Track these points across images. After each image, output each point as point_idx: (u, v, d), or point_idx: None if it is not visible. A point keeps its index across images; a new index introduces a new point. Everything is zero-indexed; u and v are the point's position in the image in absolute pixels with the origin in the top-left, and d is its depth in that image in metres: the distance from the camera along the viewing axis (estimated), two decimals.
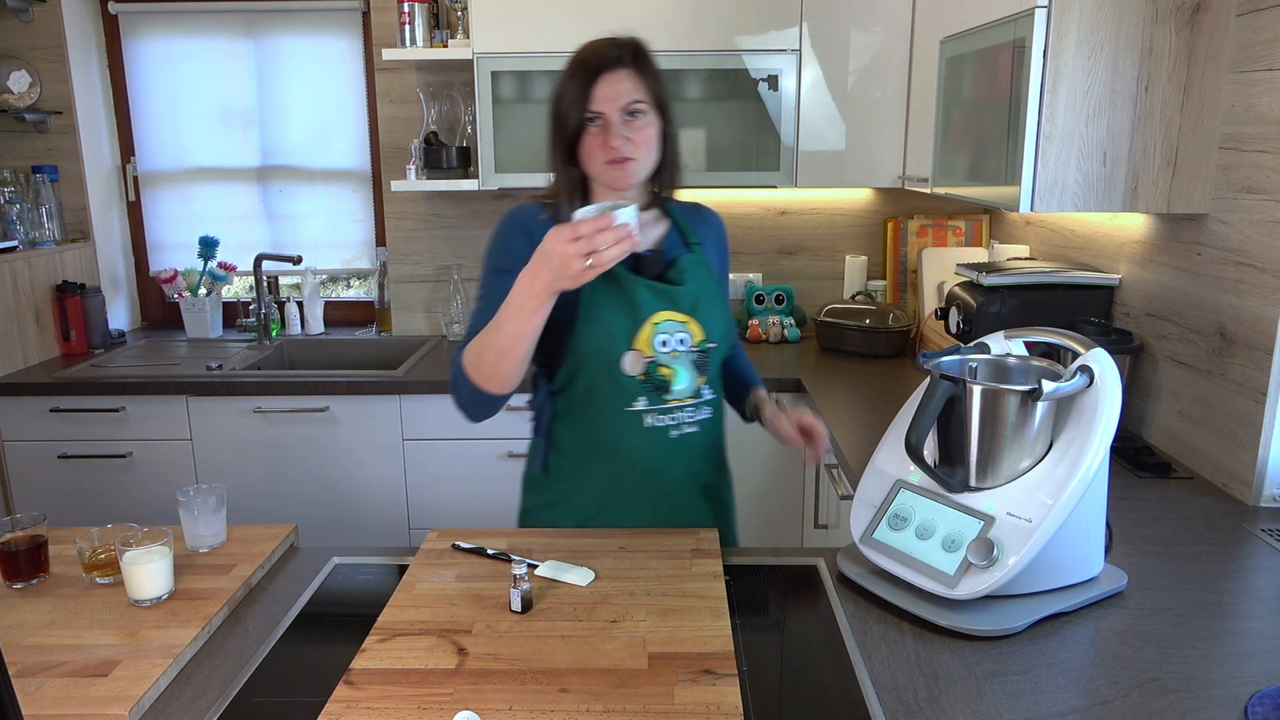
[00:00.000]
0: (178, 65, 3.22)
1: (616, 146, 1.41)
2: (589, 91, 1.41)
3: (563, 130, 1.44)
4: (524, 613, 1.23)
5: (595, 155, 1.43)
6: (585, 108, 1.41)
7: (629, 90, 1.42)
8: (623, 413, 1.48)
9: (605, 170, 1.44)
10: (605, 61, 1.42)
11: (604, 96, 1.41)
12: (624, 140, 1.41)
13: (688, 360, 1.49)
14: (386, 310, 3.25)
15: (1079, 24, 1.71)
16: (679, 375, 1.49)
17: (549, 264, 1.22)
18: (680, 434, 1.51)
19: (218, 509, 1.45)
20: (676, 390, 1.49)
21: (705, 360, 1.51)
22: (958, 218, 3.05)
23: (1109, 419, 1.20)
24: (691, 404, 1.51)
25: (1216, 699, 1.06)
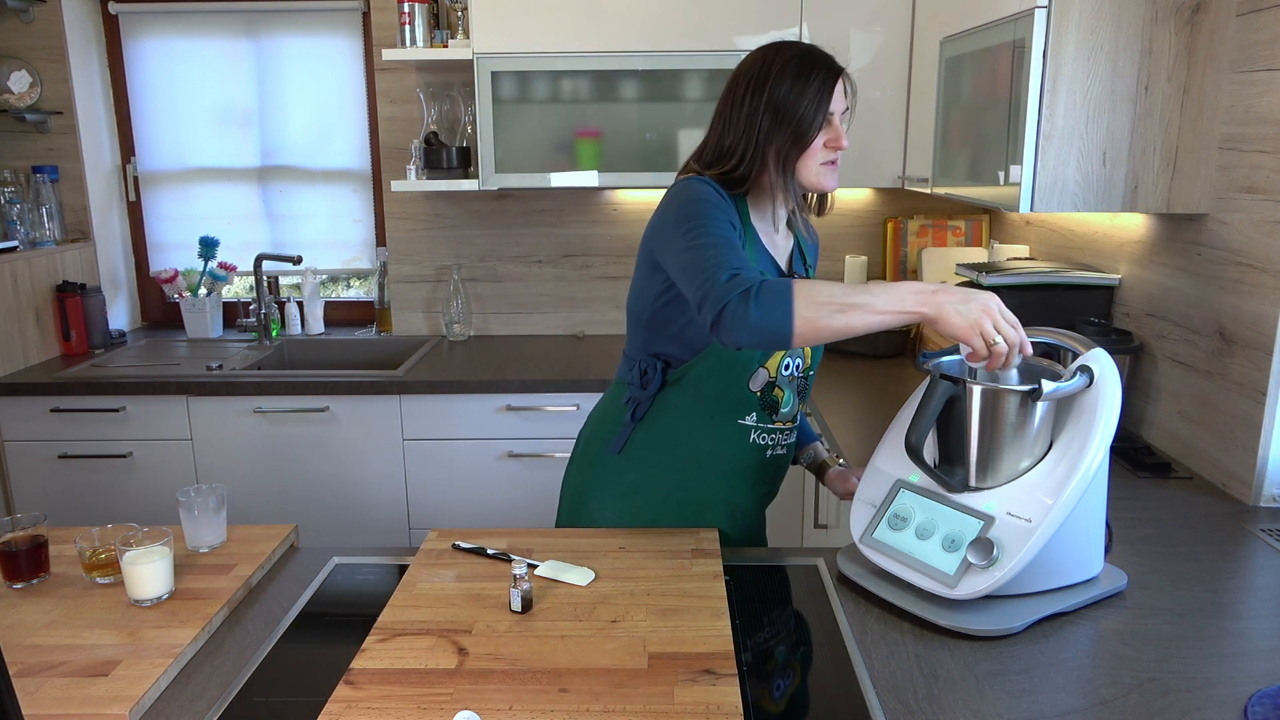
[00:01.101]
0: (178, 65, 3.22)
1: (844, 146, 1.42)
2: (830, 88, 1.40)
3: (803, 124, 1.39)
4: (524, 613, 1.23)
5: (815, 157, 1.42)
6: (824, 106, 1.40)
7: (847, 94, 1.44)
8: (734, 424, 1.50)
9: (820, 173, 1.43)
10: (834, 63, 1.43)
11: (840, 94, 1.42)
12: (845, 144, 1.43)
13: (795, 385, 1.53)
14: (386, 310, 3.25)
15: (1079, 24, 1.71)
16: (787, 398, 1.52)
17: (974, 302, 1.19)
18: (774, 454, 1.55)
19: (218, 509, 1.45)
20: (783, 412, 1.52)
21: (806, 386, 1.55)
22: (958, 218, 3.05)
23: (1109, 419, 1.20)
24: (790, 427, 1.55)
25: (1216, 699, 1.06)
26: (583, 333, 3.27)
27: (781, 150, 1.41)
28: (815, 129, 1.40)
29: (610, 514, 1.56)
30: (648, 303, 1.48)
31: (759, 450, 1.53)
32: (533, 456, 2.69)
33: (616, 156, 2.77)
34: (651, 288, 1.47)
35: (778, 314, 1.20)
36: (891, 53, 2.72)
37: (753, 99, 1.42)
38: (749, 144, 1.42)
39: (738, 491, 1.55)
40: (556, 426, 2.67)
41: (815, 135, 1.41)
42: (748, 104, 1.42)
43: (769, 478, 1.58)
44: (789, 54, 1.42)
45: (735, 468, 1.53)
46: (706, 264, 1.27)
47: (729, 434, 1.50)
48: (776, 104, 1.40)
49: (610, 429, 1.57)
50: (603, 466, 1.57)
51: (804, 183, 1.45)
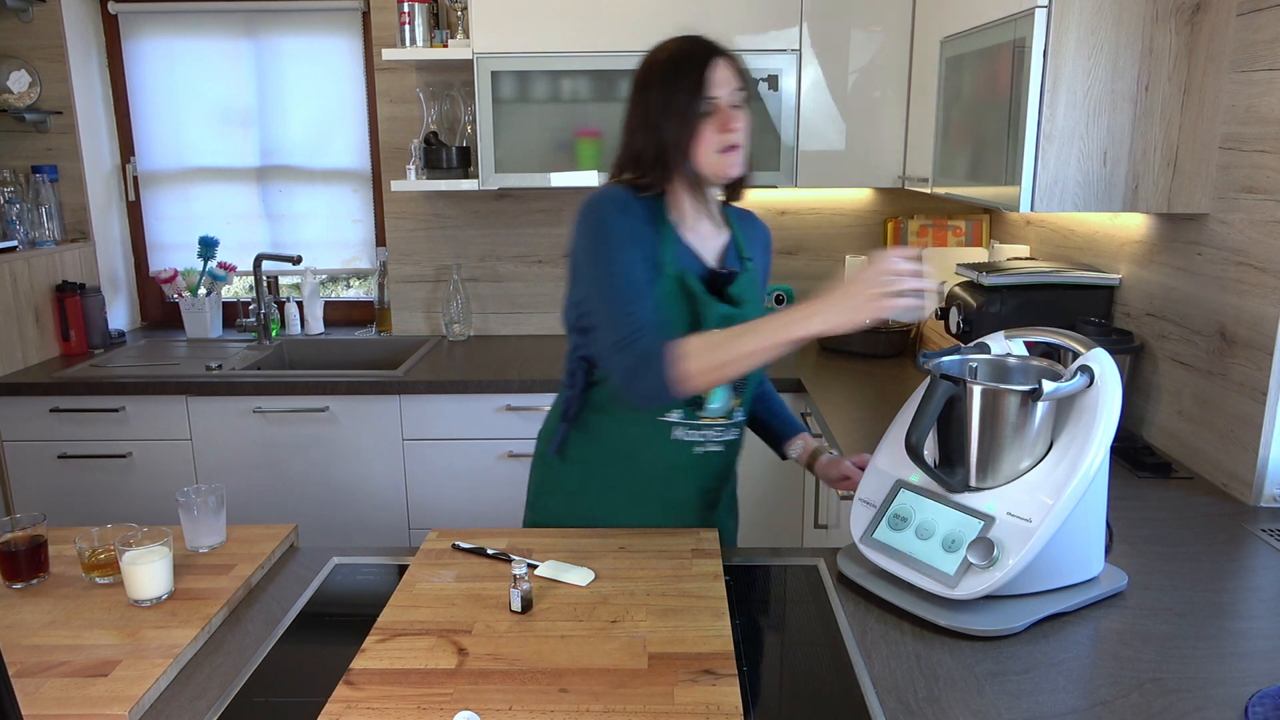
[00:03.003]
0: (178, 65, 3.22)
1: (736, 129, 1.40)
2: (706, 76, 1.39)
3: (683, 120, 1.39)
4: (524, 613, 1.23)
5: (708, 144, 1.40)
6: (702, 93, 1.39)
7: (733, 77, 1.42)
8: (655, 421, 1.49)
9: (716, 160, 1.41)
10: (710, 50, 1.41)
11: (718, 80, 1.40)
12: (738, 127, 1.40)
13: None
14: (386, 310, 3.25)
15: (1079, 24, 1.71)
16: (716, 394, 1.49)
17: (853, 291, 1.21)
18: (704, 451, 1.53)
19: (218, 509, 1.45)
20: (711, 409, 1.50)
21: (744, 383, 1.51)
22: (958, 218, 3.05)
23: (1109, 419, 1.20)
24: (722, 424, 1.52)
25: (1216, 699, 1.06)
26: None
27: (672, 144, 1.41)
28: (694, 116, 1.39)
29: (556, 512, 1.60)
30: (570, 308, 1.51)
31: (684, 447, 1.51)
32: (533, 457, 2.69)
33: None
34: (573, 295, 1.49)
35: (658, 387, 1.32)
36: (891, 53, 2.72)
37: (640, 98, 1.44)
38: (646, 144, 1.43)
39: (671, 489, 1.54)
40: None
41: (697, 123, 1.39)
42: (637, 104, 1.44)
43: (704, 475, 1.56)
44: (667, 48, 1.44)
45: (662, 465, 1.52)
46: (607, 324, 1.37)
47: (651, 431, 1.50)
48: (659, 99, 1.41)
49: (552, 429, 1.61)
50: (548, 465, 1.62)
51: (704, 173, 1.44)
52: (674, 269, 1.43)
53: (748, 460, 2.65)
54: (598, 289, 1.40)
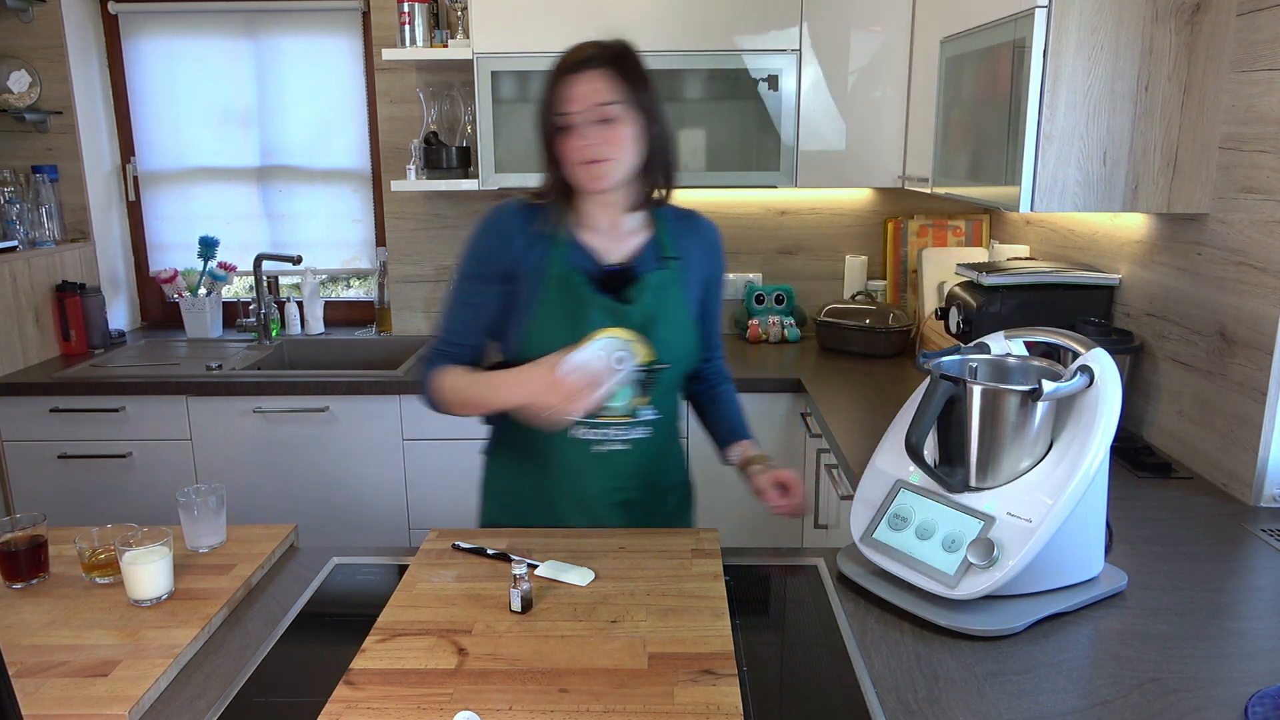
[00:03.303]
0: (178, 65, 3.22)
1: (581, 148, 1.40)
2: (558, 92, 1.40)
3: (542, 136, 1.44)
4: (524, 613, 1.23)
5: (569, 157, 1.43)
6: (555, 109, 1.41)
7: (599, 91, 1.40)
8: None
9: (580, 172, 1.43)
10: (578, 63, 1.41)
11: (573, 97, 1.40)
12: (594, 142, 1.40)
13: (630, 379, 1.47)
14: (386, 310, 3.25)
15: (1079, 24, 1.71)
16: (617, 393, 1.48)
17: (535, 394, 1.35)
18: (606, 450, 1.52)
19: (218, 509, 1.45)
20: (611, 407, 1.49)
21: (651, 380, 1.50)
22: (958, 218, 3.05)
23: (1109, 419, 1.20)
24: (624, 422, 1.51)
25: (1216, 699, 1.06)
26: None
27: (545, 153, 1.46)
28: (550, 129, 1.42)
29: (493, 510, 1.65)
30: None
31: (582, 445, 1.51)
32: None
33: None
34: None
35: (438, 405, 1.54)
36: (891, 53, 2.72)
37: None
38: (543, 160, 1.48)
39: (577, 488, 1.54)
40: None
41: (553, 139, 1.43)
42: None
43: (610, 474, 1.54)
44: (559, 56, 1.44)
45: (565, 464, 1.53)
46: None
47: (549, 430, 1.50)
48: (537, 111, 1.45)
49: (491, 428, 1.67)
50: (485, 466, 1.67)
51: (575, 184, 1.46)
52: (560, 270, 1.46)
53: None
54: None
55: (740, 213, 3.18)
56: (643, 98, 1.43)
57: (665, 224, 1.55)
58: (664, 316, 1.49)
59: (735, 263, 3.22)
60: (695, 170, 2.80)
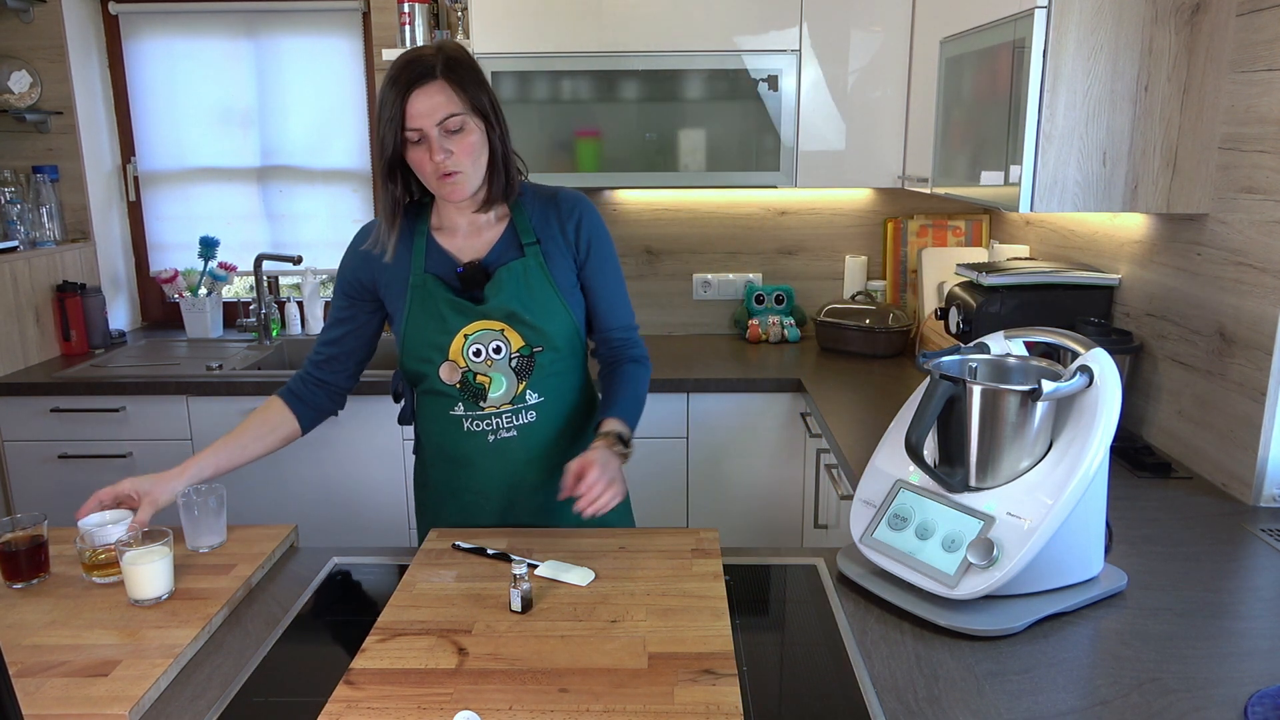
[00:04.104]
0: (178, 65, 3.22)
1: (440, 162, 1.41)
2: (404, 109, 1.39)
3: (382, 150, 1.43)
4: (524, 613, 1.23)
5: (423, 169, 1.44)
6: (403, 125, 1.40)
7: (443, 104, 1.40)
8: (447, 415, 1.56)
9: (436, 185, 1.45)
10: (415, 77, 1.39)
11: (419, 113, 1.39)
12: (446, 154, 1.41)
13: (506, 367, 1.51)
14: None
15: (1079, 24, 1.71)
16: (496, 382, 1.52)
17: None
18: (498, 438, 1.55)
19: (218, 509, 1.46)
20: (493, 397, 1.53)
21: (529, 365, 1.52)
22: (958, 218, 3.05)
23: (1109, 419, 1.20)
24: (509, 409, 1.54)
25: (1216, 699, 1.06)
26: None
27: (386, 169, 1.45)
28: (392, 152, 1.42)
29: (419, 503, 1.70)
30: None
31: (478, 437, 1.55)
32: None
33: (616, 156, 2.77)
34: None
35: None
36: (891, 53, 2.72)
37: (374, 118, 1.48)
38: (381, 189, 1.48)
39: (480, 479, 1.58)
40: None
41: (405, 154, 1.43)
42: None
43: (508, 462, 1.56)
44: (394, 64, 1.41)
45: (466, 456, 1.57)
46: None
47: (445, 426, 1.57)
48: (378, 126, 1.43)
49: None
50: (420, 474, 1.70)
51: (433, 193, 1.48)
52: (418, 277, 1.51)
53: (748, 460, 2.67)
54: None
55: (740, 213, 3.18)
56: (481, 103, 1.44)
57: (522, 210, 1.56)
58: (530, 303, 1.50)
59: (735, 262, 3.23)
60: (695, 170, 2.80)
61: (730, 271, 3.21)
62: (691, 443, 2.68)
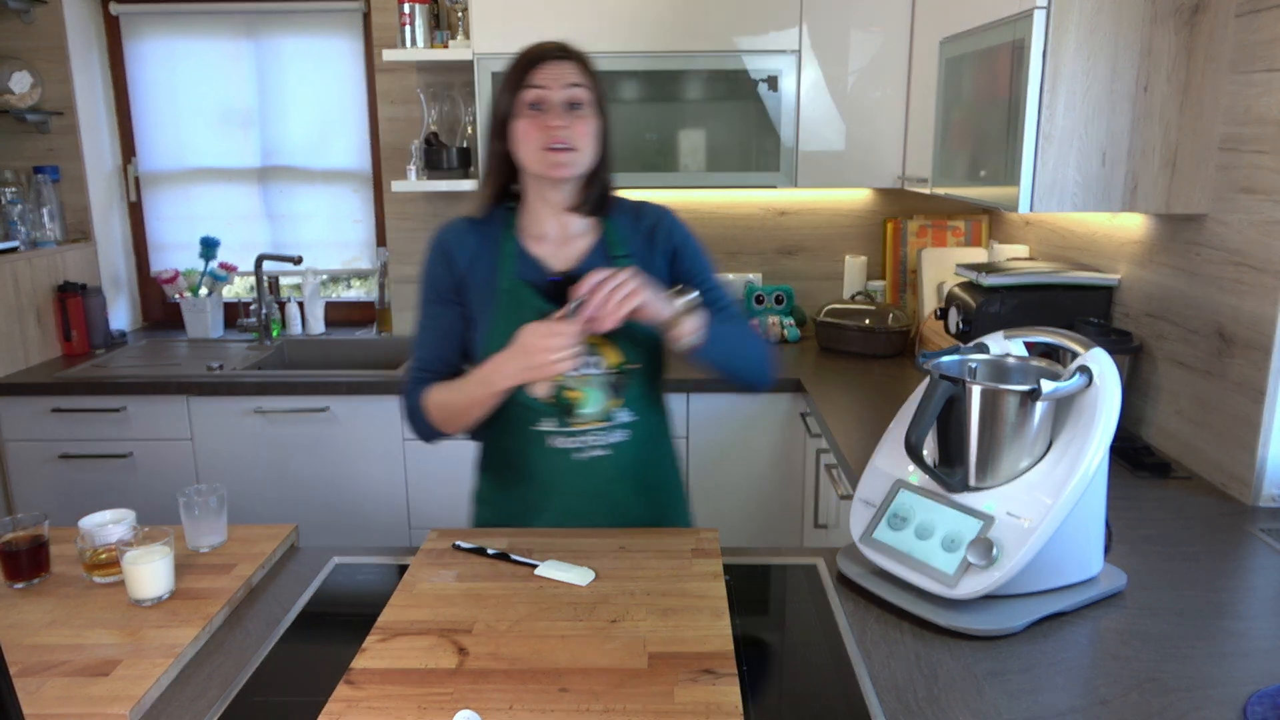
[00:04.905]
0: (179, 66, 3.22)
1: (557, 126, 1.36)
2: (530, 73, 1.37)
3: (501, 112, 1.39)
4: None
5: (531, 140, 1.39)
6: (525, 84, 1.37)
7: (571, 73, 1.39)
8: (528, 431, 1.48)
9: (541, 157, 1.39)
10: (547, 51, 1.39)
11: (545, 77, 1.37)
12: (565, 124, 1.37)
13: (600, 383, 1.47)
14: (387, 310, 3.25)
15: (1078, 25, 1.71)
16: (589, 398, 1.47)
17: (523, 357, 1.30)
18: (588, 456, 1.49)
19: (218, 509, 1.46)
20: (584, 413, 1.47)
21: (622, 382, 1.48)
22: (957, 218, 3.05)
23: (1108, 419, 1.20)
24: (601, 427, 1.49)
25: (1216, 699, 1.06)
26: None
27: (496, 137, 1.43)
28: (511, 106, 1.39)
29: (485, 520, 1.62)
30: None
31: (563, 454, 1.48)
32: None
33: (616, 156, 2.76)
34: None
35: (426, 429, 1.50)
36: (891, 53, 2.72)
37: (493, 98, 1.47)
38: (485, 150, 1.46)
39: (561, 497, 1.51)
40: None
41: (516, 111, 1.39)
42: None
43: (595, 480, 1.50)
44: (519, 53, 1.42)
45: (546, 473, 1.50)
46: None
47: (528, 441, 1.49)
48: (497, 92, 1.42)
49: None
50: (477, 496, 1.65)
51: (530, 171, 1.43)
52: (509, 283, 1.46)
53: (748, 460, 2.67)
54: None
55: (740, 213, 3.18)
56: (602, 97, 1.44)
57: (613, 223, 1.53)
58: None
59: (735, 262, 3.23)
60: (695, 170, 2.80)
61: (730, 271, 3.21)
62: (691, 443, 2.68)
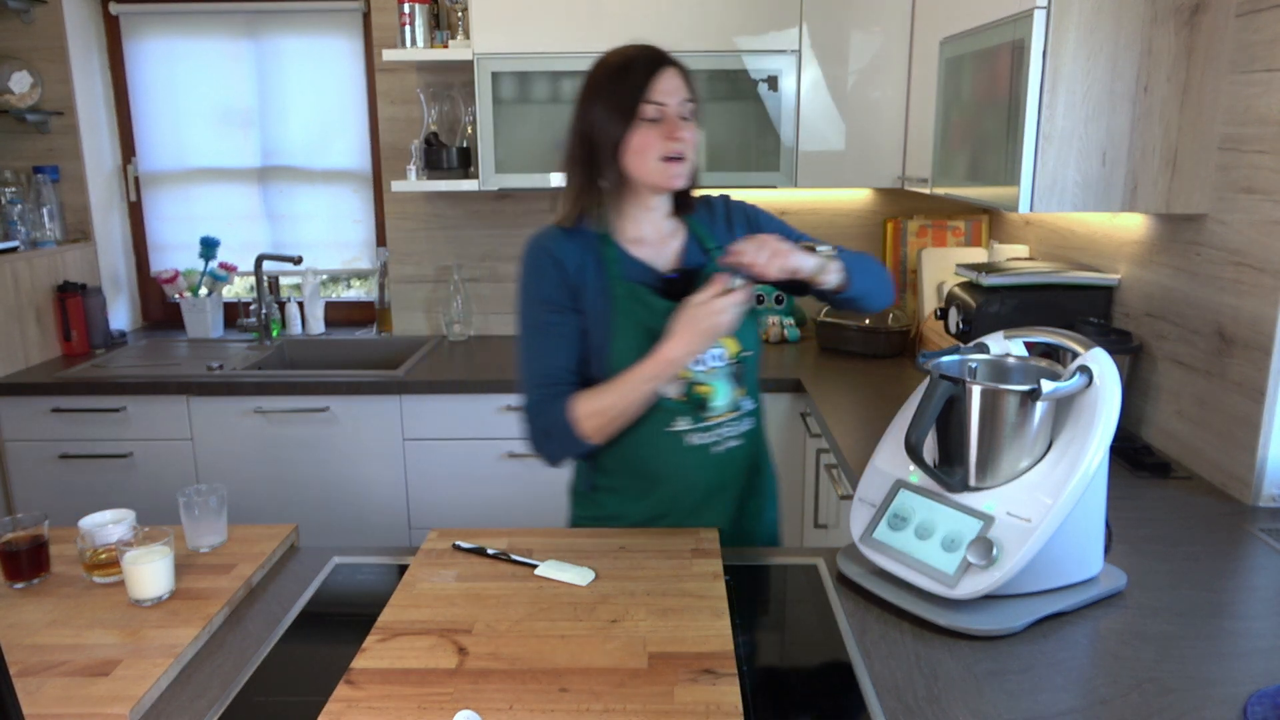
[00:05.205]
0: (178, 65, 3.22)
1: (680, 138, 1.40)
2: (651, 84, 1.38)
3: (614, 126, 1.39)
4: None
5: (650, 151, 1.40)
6: (646, 99, 1.38)
7: (683, 88, 1.42)
8: (664, 434, 1.48)
9: (659, 169, 1.41)
10: (658, 58, 1.40)
11: (666, 89, 1.39)
12: (682, 135, 1.40)
13: (725, 374, 1.49)
14: (387, 310, 3.25)
15: (1078, 25, 1.71)
16: (717, 391, 1.48)
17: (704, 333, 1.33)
18: (724, 449, 1.51)
19: (219, 509, 1.46)
20: (716, 406, 1.49)
21: (742, 371, 1.51)
22: (957, 218, 3.05)
23: (1108, 419, 1.20)
24: (732, 418, 1.51)
25: (1215, 698, 1.06)
26: None
27: (607, 149, 1.41)
28: (632, 117, 1.39)
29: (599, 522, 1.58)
30: None
31: (701, 451, 1.49)
32: (533, 456, 2.68)
33: None
34: None
35: (570, 443, 1.45)
36: (891, 53, 2.72)
37: (582, 104, 1.44)
38: (582, 152, 1.43)
39: (702, 495, 1.51)
40: None
41: (633, 124, 1.39)
42: (578, 111, 1.44)
43: (733, 471, 1.54)
44: (619, 53, 1.43)
45: (686, 474, 1.50)
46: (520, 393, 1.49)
47: (662, 445, 1.48)
48: (600, 103, 1.41)
49: (578, 467, 1.60)
50: (583, 500, 1.60)
51: (642, 182, 1.43)
52: (624, 288, 1.45)
53: None
54: (517, 350, 1.49)
55: None
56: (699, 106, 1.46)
57: (696, 220, 1.56)
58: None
59: None
60: None
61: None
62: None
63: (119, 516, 1.39)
